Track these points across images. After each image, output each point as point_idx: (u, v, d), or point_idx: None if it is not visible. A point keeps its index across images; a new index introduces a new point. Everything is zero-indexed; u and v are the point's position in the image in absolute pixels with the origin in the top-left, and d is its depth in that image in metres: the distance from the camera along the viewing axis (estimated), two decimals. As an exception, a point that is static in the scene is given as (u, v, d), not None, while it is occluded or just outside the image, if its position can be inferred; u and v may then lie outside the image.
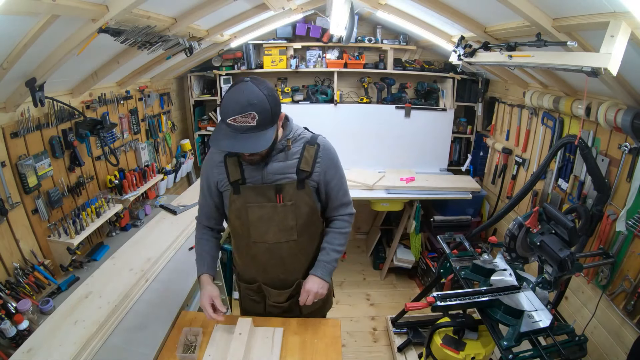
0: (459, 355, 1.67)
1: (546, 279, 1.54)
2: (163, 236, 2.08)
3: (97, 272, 1.73)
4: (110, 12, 1.37)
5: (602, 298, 1.79)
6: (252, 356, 1.36)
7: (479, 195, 3.02)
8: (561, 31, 1.39)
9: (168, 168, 2.95)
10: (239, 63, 3.24)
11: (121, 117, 2.42)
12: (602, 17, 1.16)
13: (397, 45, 3.26)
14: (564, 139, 1.73)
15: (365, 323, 2.80)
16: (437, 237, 2.33)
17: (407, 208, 3.08)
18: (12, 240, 1.62)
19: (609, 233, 1.79)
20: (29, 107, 1.67)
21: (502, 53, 1.69)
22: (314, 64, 3.26)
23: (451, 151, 3.51)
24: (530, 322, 1.46)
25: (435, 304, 1.55)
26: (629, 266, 1.68)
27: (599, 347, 1.79)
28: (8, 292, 1.50)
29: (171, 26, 1.91)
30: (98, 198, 2.09)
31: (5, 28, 1.17)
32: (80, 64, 1.83)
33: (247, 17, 2.45)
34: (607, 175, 1.82)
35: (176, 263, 1.93)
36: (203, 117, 3.45)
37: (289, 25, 3.13)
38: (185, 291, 1.71)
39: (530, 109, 2.52)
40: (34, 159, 1.70)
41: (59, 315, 1.43)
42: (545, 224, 1.58)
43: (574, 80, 2.03)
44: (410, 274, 3.34)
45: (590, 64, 1.17)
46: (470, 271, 1.88)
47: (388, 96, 3.39)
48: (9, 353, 1.30)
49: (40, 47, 1.37)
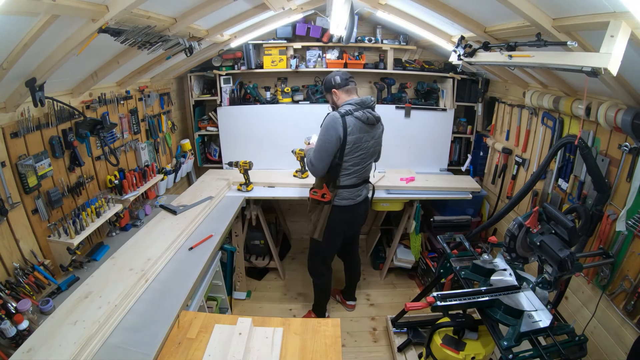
0: (459, 355, 1.67)
1: (546, 279, 1.53)
2: (163, 236, 2.08)
3: (97, 272, 1.73)
4: (110, 12, 1.37)
5: (602, 298, 1.79)
6: (252, 356, 1.36)
7: (479, 195, 3.02)
8: (561, 31, 1.39)
9: (168, 168, 2.95)
10: (239, 63, 3.24)
11: (121, 117, 2.42)
12: (602, 17, 1.16)
13: (397, 45, 3.26)
14: (564, 139, 1.73)
15: (365, 323, 2.80)
16: (437, 237, 2.33)
17: (407, 208, 3.08)
18: (12, 240, 1.62)
19: (609, 233, 1.79)
20: (29, 107, 1.67)
21: (502, 53, 1.69)
22: (314, 64, 3.26)
23: (451, 151, 3.51)
24: (530, 322, 1.46)
25: (435, 304, 1.55)
26: (629, 266, 1.68)
27: (599, 347, 1.79)
28: (8, 292, 1.50)
29: (171, 26, 1.91)
30: (98, 198, 2.09)
31: (5, 28, 1.17)
32: (80, 64, 1.83)
33: (247, 17, 2.45)
34: (607, 175, 1.82)
35: (176, 263, 1.93)
36: (203, 117, 3.45)
37: (289, 25, 3.13)
38: (185, 291, 1.71)
39: (530, 109, 2.52)
40: (34, 159, 1.70)
41: (58, 315, 1.43)
42: (545, 224, 1.58)
43: (574, 80, 2.03)
44: (410, 274, 3.34)
45: (590, 64, 1.17)
46: (470, 271, 1.88)
47: (388, 96, 3.39)
48: (9, 353, 1.30)
49: (40, 47, 1.38)
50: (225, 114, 3.31)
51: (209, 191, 2.76)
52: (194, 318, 1.58)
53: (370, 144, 2.23)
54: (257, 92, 3.34)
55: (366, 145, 2.20)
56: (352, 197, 2.31)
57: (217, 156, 3.56)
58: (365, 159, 2.26)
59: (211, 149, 3.62)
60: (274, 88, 3.43)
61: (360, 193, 2.36)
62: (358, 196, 2.34)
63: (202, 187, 2.88)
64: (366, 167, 2.32)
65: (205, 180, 3.04)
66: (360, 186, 2.33)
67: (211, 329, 1.49)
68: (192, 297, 1.83)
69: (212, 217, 2.48)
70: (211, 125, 3.41)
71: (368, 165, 2.34)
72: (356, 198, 2.33)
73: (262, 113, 3.31)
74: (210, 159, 3.62)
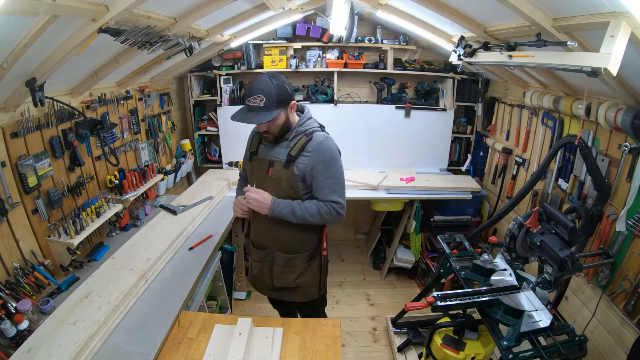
0: (459, 355, 1.67)
1: (546, 279, 1.53)
2: (163, 236, 2.08)
3: (97, 272, 1.72)
4: (110, 12, 1.37)
5: (602, 298, 1.79)
6: (252, 356, 1.36)
7: (479, 195, 3.02)
8: (561, 31, 1.39)
9: (168, 168, 2.95)
10: (239, 63, 3.24)
11: (121, 117, 2.42)
12: (602, 17, 1.16)
13: (397, 45, 3.26)
14: (564, 139, 1.73)
15: (365, 323, 2.80)
16: (437, 237, 2.33)
17: (407, 208, 3.08)
18: (12, 240, 1.62)
19: (609, 233, 1.79)
20: (29, 107, 1.67)
21: (502, 53, 1.69)
22: (314, 64, 3.26)
23: (451, 151, 3.51)
24: (530, 322, 1.46)
25: (435, 304, 1.55)
26: (629, 266, 1.68)
27: (599, 347, 1.79)
28: (8, 292, 1.50)
29: (171, 26, 1.91)
30: (98, 198, 2.09)
31: (5, 28, 1.17)
32: (80, 64, 1.83)
33: (247, 17, 2.45)
34: (607, 175, 1.82)
35: (176, 263, 1.93)
36: (203, 117, 3.45)
37: (289, 25, 3.13)
38: (185, 291, 1.71)
39: (530, 109, 2.52)
40: (34, 159, 1.70)
41: (59, 315, 1.43)
42: (545, 224, 1.58)
43: (574, 80, 2.03)
44: (410, 274, 3.34)
45: (590, 64, 1.17)
46: (470, 271, 1.88)
47: (388, 96, 3.39)
48: (9, 353, 1.30)
49: (40, 47, 1.37)
50: (225, 114, 3.31)
51: (209, 191, 2.76)
52: (194, 318, 1.58)
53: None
54: (257, 92, 3.33)
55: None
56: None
57: (217, 156, 3.56)
58: None
59: (211, 149, 3.62)
60: (274, 88, 3.43)
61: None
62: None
63: (202, 187, 2.88)
64: None
65: (205, 180, 3.04)
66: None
67: (211, 329, 1.48)
68: (192, 297, 1.82)
69: (212, 217, 2.48)
70: (211, 125, 3.40)
71: None
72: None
73: (262, 113, 3.30)
74: (210, 159, 3.62)
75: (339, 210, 1.58)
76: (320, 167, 1.54)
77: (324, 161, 1.54)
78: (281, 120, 1.53)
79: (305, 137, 1.55)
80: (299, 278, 1.71)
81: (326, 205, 1.57)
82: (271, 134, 1.57)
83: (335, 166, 1.58)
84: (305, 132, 1.57)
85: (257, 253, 1.76)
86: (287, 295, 1.76)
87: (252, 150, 1.70)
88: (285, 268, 1.69)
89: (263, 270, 1.75)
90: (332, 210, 1.57)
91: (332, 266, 3.53)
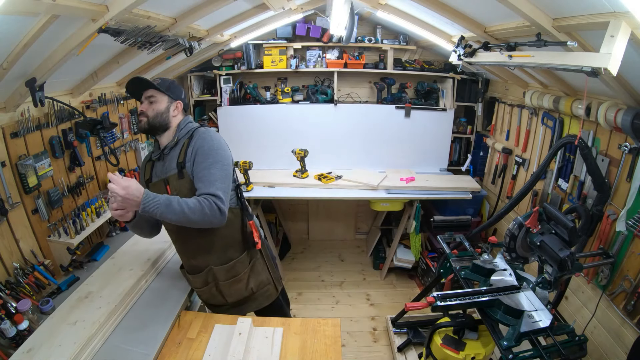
0: (459, 355, 1.67)
1: (546, 279, 1.54)
2: (163, 236, 2.08)
3: (97, 272, 1.72)
4: (110, 12, 1.37)
5: (602, 298, 1.79)
6: (252, 356, 1.36)
7: (479, 195, 3.02)
8: (561, 31, 1.39)
9: (168, 168, 2.95)
10: (239, 63, 3.24)
11: (121, 117, 2.42)
12: (602, 17, 1.16)
13: (397, 45, 3.26)
14: (564, 139, 1.73)
15: (365, 323, 2.80)
16: (437, 237, 2.33)
17: (407, 208, 3.07)
18: (12, 240, 1.62)
19: (609, 233, 1.79)
20: (29, 107, 1.67)
21: (502, 53, 1.69)
22: (314, 64, 3.26)
23: (451, 151, 3.51)
24: (530, 322, 1.46)
25: (435, 304, 1.55)
26: (629, 266, 1.68)
27: (599, 347, 1.79)
28: (8, 292, 1.50)
29: (171, 26, 1.91)
30: (98, 198, 2.09)
31: (5, 28, 1.18)
32: (80, 64, 1.83)
33: (247, 17, 2.45)
34: (607, 175, 1.82)
35: (176, 263, 1.93)
36: (203, 117, 3.45)
37: (289, 25, 3.13)
38: (186, 291, 1.71)
39: (530, 109, 2.52)
40: (34, 159, 1.70)
41: (59, 315, 1.43)
42: (545, 224, 1.58)
43: (574, 80, 2.02)
44: (410, 274, 3.34)
45: (590, 64, 1.18)
46: (470, 271, 1.88)
47: (388, 96, 3.38)
48: (9, 353, 1.30)
49: (40, 47, 1.38)
50: (225, 114, 3.31)
51: (209, 191, 2.75)
52: (194, 318, 1.58)
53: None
54: (257, 92, 3.34)
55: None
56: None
57: (217, 156, 3.55)
58: None
59: (211, 149, 3.62)
60: (274, 88, 3.43)
61: None
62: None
63: (202, 187, 2.87)
64: None
65: (205, 180, 3.04)
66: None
67: (211, 329, 1.49)
68: (192, 297, 1.82)
69: (212, 217, 2.48)
70: (211, 125, 3.40)
71: None
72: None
73: (262, 113, 3.31)
74: (210, 159, 3.61)
75: (219, 205, 1.35)
76: (199, 157, 1.41)
77: (203, 150, 1.42)
78: (162, 106, 1.49)
79: (188, 139, 1.48)
80: (250, 282, 1.61)
81: (205, 198, 1.35)
82: (146, 118, 1.47)
83: (215, 155, 1.42)
84: (187, 134, 1.50)
85: (197, 279, 1.61)
86: (248, 307, 1.67)
87: (146, 179, 1.55)
88: (231, 279, 1.58)
89: (212, 292, 1.62)
90: (213, 205, 1.34)
91: (332, 266, 3.54)
